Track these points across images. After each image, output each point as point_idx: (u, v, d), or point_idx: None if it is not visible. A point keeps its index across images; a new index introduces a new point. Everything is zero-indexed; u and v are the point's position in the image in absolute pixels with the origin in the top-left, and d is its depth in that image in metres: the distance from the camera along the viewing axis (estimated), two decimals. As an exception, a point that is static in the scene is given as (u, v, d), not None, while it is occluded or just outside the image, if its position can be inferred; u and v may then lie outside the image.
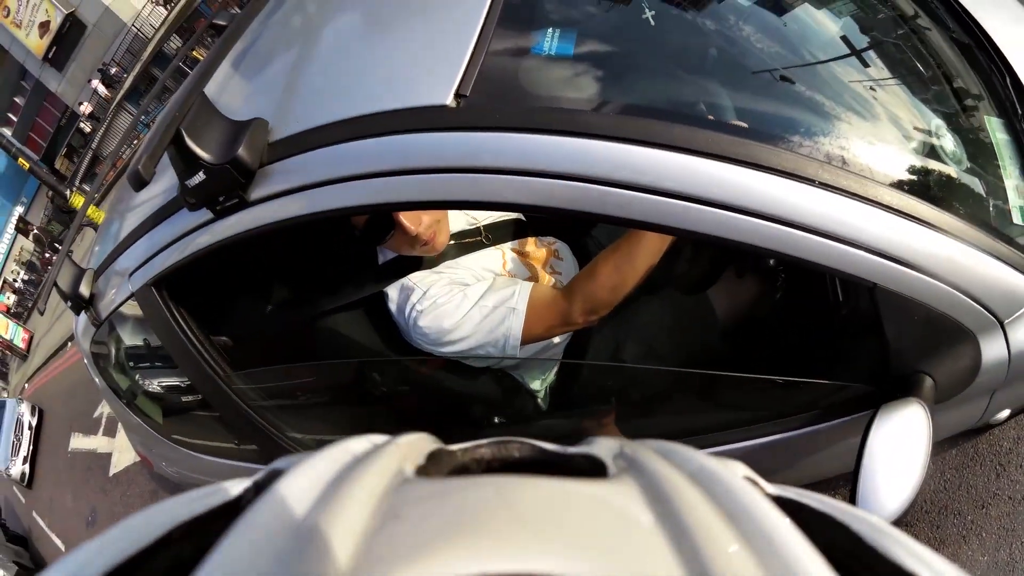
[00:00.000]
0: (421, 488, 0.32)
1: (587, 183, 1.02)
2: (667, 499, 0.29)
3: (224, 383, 1.54)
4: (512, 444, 0.41)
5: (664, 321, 1.63)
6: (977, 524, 2.01)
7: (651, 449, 0.38)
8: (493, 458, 0.40)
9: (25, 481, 12.18)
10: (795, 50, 1.32)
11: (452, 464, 0.39)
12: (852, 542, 0.30)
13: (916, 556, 0.28)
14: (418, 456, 0.38)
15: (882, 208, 1.03)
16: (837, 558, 0.27)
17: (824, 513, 0.33)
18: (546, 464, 0.40)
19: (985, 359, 1.17)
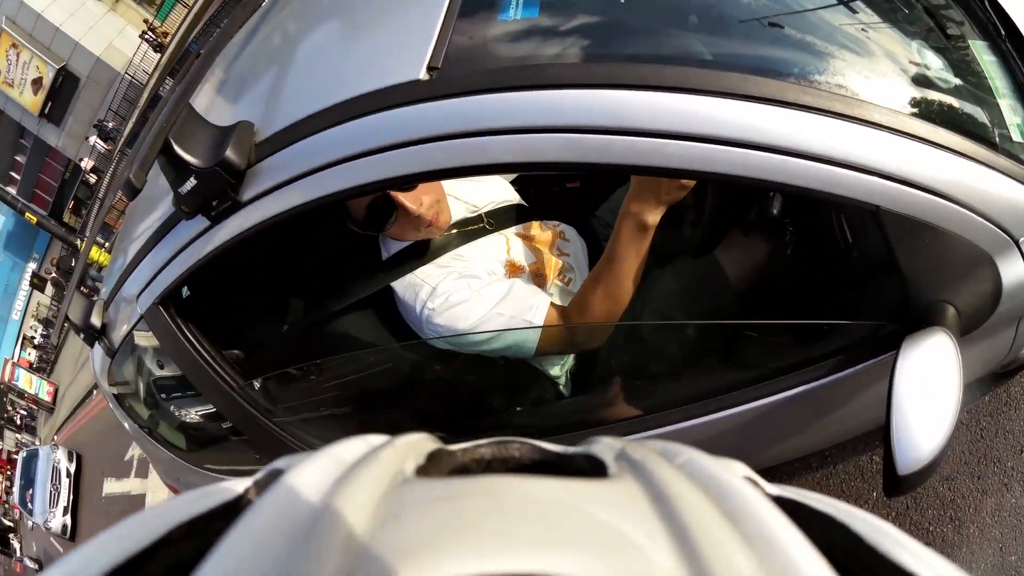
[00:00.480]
0: (421, 488, 0.32)
1: (567, 133, 1.02)
2: (667, 499, 0.29)
3: (240, 396, 1.55)
4: (512, 444, 0.41)
5: (676, 290, 1.60)
6: (1018, 470, 2.00)
7: (652, 449, 0.38)
8: (493, 458, 0.40)
9: (67, 533, 11.27)
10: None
11: (452, 464, 0.39)
12: (852, 542, 0.30)
13: (916, 556, 0.28)
14: (418, 456, 0.38)
15: (879, 128, 1.02)
16: (837, 558, 0.27)
17: (824, 513, 0.33)
18: (546, 464, 0.40)
19: (1005, 281, 1.14)
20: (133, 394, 2.01)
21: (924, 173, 1.02)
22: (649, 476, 0.32)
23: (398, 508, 0.28)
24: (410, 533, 0.26)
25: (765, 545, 0.25)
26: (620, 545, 0.26)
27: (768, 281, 1.56)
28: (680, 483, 0.31)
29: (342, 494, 0.29)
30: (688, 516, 0.27)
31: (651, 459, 0.35)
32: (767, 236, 1.54)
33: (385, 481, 0.32)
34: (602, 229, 1.92)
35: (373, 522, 0.27)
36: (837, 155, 1.00)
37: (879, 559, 0.29)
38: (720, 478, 0.32)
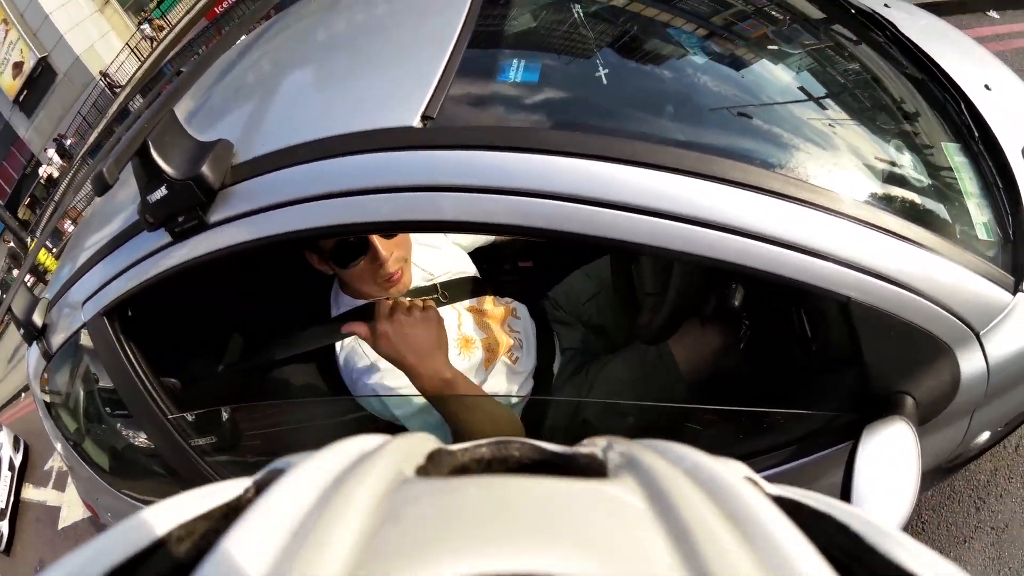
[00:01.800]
0: (421, 488, 0.32)
1: (553, 200, 1.01)
2: (667, 499, 0.29)
3: (172, 426, 1.48)
4: (512, 444, 0.41)
5: (624, 378, 1.60)
6: (961, 560, 2.02)
7: (651, 449, 0.38)
8: (493, 458, 0.40)
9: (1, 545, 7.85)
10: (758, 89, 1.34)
11: (452, 464, 0.39)
12: (852, 542, 0.30)
13: (916, 556, 0.28)
14: (418, 456, 0.38)
15: (854, 221, 1.04)
16: (837, 558, 0.27)
17: (824, 513, 0.33)
18: (546, 464, 0.40)
19: (964, 373, 1.16)
20: (64, 403, 1.92)
21: (895, 266, 1.05)
22: (649, 476, 0.32)
23: (398, 508, 0.28)
24: (410, 533, 0.26)
25: (765, 545, 0.25)
26: (620, 545, 0.25)
27: (721, 373, 1.56)
28: (680, 483, 0.30)
29: (342, 494, 0.29)
30: (688, 516, 0.27)
31: (651, 459, 0.34)
32: (722, 329, 1.54)
33: (385, 481, 0.31)
34: (552, 311, 1.92)
35: (373, 522, 0.27)
36: (814, 245, 1.01)
37: (879, 559, 0.28)
38: (720, 478, 0.31)
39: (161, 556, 0.29)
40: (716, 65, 1.37)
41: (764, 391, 1.44)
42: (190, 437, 1.51)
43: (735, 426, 1.45)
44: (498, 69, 1.21)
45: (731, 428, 1.47)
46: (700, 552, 0.24)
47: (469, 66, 1.18)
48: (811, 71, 1.46)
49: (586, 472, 0.38)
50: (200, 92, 1.57)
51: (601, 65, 1.26)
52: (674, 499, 0.28)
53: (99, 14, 20.19)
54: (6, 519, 7.90)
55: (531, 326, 1.77)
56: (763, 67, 1.40)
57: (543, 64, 1.23)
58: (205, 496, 0.35)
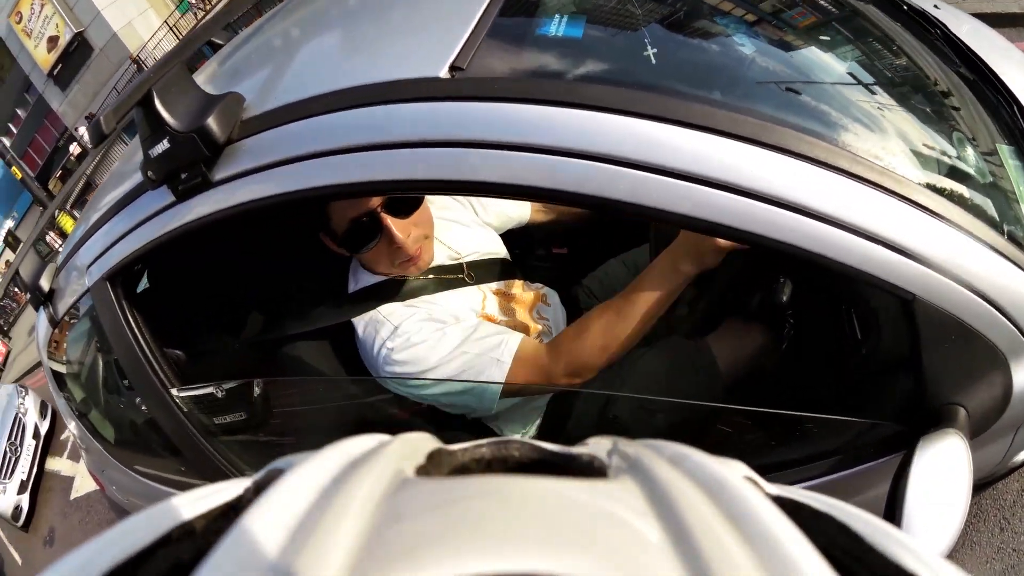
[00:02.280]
0: (421, 488, 0.31)
1: (594, 161, 0.91)
2: (667, 499, 0.28)
3: (172, 399, 1.43)
4: (512, 444, 0.40)
5: (660, 371, 1.51)
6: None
7: (652, 449, 0.37)
8: (493, 458, 0.40)
9: (20, 520, 7.41)
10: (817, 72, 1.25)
11: (452, 464, 0.39)
12: (852, 542, 0.30)
13: (916, 556, 0.28)
14: (418, 456, 0.38)
15: (925, 212, 0.95)
16: (837, 557, 0.28)
17: (824, 513, 0.33)
18: (546, 464, 0.40)
19: (1016, 387, 1.07)
20: (71, 372, 1.90)
21: (966, 266, 0.96)
22: (649, 476, 0.32)
23: (398, 508, 0.28)
24: (410, 533, 0.26)
25: (765, 545, 0.25)
26: (620, 545, 0.25)
27: (761, 373, 1.49)
28: (680, 483, 0.30)
29: (342, 494, 0.28)
30: (688, 516, 0.26)
31: (651, 459, 0.34)
32: (766, 327, 1.46)
33: (385, 481, 0.31)
34: (586, 299, 1.85)
35: (373, 522, 0.26)
36: (884, 234, 0.92)
37: (879, 559, 0.29)
38: (720, 478, 0.31)
39: (161, 556, 0.29)
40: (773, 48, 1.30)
41: (806, 395, 1.36)
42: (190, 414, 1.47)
43: (773, 431, 1.38)
44: (539, 23, 1.12)
45: (769, 432, 1.39)
46: (700, 552, 0.24)
47: (507, 19, 1.10)
48: (868, 63, 1.39)
49: (586, 472, 0.38)
50: (222, 54, 1.54)
51: (649, 35, 1.17)
52: (674, 499, 0.28)
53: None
54: (27, 492, 7.62)
55: (562, 314, 1.70)
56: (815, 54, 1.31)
57: (587, 21, 1.13)
58: (205, 496, 0.35)
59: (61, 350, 1.85)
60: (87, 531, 6.07)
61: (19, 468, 7.72)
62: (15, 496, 7.48)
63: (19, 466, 7.74)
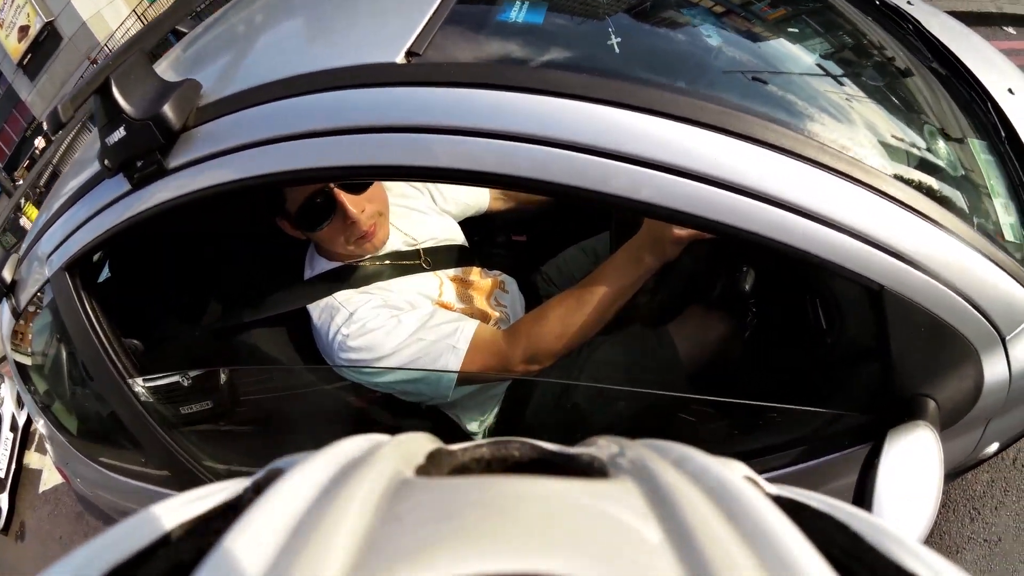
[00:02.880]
0: (421, 488, 0.31)
1: (551, 147, 0.90)
2: (667, 499, 0.28)
3: (130, 390, 1.41)
4: (512, 444, 0.41)
5: (619, 359, 1.52)
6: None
7: (651, 449, 0.38)
8: (493, 458, 0.40)
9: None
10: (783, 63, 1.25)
11: (452, 464, 0.39)
12: (852, 542, 0.30)
13: (916, 556, 0.28)
14: (418, 456, 0.38)
15: (892, 201, 0.94)
16: (837, 557, 0.28)
17: (824, 513, 0.33)
18: (546, 464, 0.40)
19: (987, 380, 1.08)
20: (34, 364, 1.87)
21: (934, 257, 0.96)
22: (649, 476, 0.32)
23: (398, 508, 0.28)
24: (410, 533, 0.25)
25: (765, 545, 0.25)
26: (620, 545, 0.25)
27: (723, 362, 1.49)
28: (680, 483, 0.30)
29: (342, 494, 0.28)
30: (688, 516, 0.27)
31: (651, 459, 0.34)
32: (728, 314, 1.46)
33: (385, 481, 0.31)
34: (544, 286, 1.84)
35: (373, 522, 0.26)
36: (852, 223, 0.92)
37: (879, 559, 0.29)
38: (720, 477, 0.31)
39: (161, 556, 0.29)
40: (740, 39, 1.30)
41: (771, 385, 1.35)
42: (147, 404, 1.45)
43: (736, 421, 1.39)
44: (499, 9, 1.12)
45: (732, 422, 1.40)
46: (700, 552, 0.24)
47: (467, 5, 1.10)
48: (838, 56, 1.39)
49: (586, 472, 0.37)
50: (185, 42, 1.53)
51: (612, 23, 1.16)
52: (674, 499, 0.28)
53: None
54: (6, 491, 6.47)
55: (520, 301, 1.69)
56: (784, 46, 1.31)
57: (549, 7, 1.13)
58: (205, 496, 0.35)
59: (25, 341, 1.82)
60: (57, 524, 5.92)
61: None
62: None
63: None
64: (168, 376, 1.48)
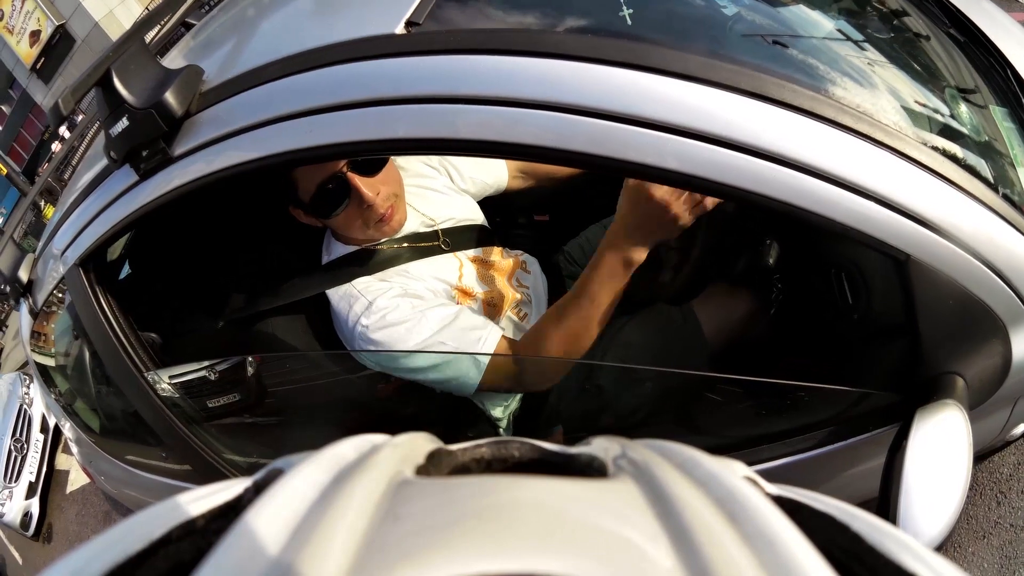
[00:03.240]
0: (421, 488, 0.32)
1: (557, 111, 0.88)
2: (667, 499, 0.29)
3: (148, 384, 1.42)
4: (512, 444, 0.41)
5: (644, 339, 1.48)
6: (979, 555, 1.97)
7: (651, 449, 0.38)
8: (493, 458, 0.40)
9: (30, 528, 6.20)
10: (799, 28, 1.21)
11: (452, 464, 0.39)
12: (852, 542, 0.30)
13: (916, 556, 0.28)
14: (418, 456, 0.38)
15: (925, 170, 0.90)
16: (837, 558, 0.28)
17: (824, 513, 0.33)
18: (546, 464, 0.40)
19: (1016, 357, 1.04)
20: (55, 363, 1.90)
21: (963, 227, 0.92)
22: (649, 476, 0.32)
23: (398, 508, 0.28)
24: (410, 533, 0.26)
25: (765, 545, 0.25)
26: (620, 545, 0.25)
27: (748, 340, 1.46)
28: (680, 483, 0.31)
29: (342, 494, 0.29)
30: (688, 516, 0.27)
31: (651, 459, 0.35)
32: (751, 291, 1.43)
33: (385, 481, 0.31)
34: (567, 266, 1.84)
35: (373, 522, 0.27)
36: (877, 189, 0.88)
37: (879, 559, 0.29)
38: (720, 478, 0.32)
39: (162, 556, 0.29)
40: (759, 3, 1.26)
41: (798, 363, 1.36)
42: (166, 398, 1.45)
43: (763, 401, 1.36)
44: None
45: (759, 403, 1.37)
46: (700, 552, 0.24)
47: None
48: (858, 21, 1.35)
49: (586, 472, 0.38)
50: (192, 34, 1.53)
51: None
52: (674, 499, 0.28)
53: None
54: (36, 495, 6.28)
55: (542, 281, 1.68)
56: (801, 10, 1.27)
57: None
58: (205, 496, 0.35)
59: (47, 342, 1.84)
60: (85, 524, 5.96)
61: (26, 468, 6.42)
62: (23, 502, 6.19)
63: (26, 466, 6.44)
64: (195, 371, 1.49)
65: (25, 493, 6.23)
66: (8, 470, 6.25)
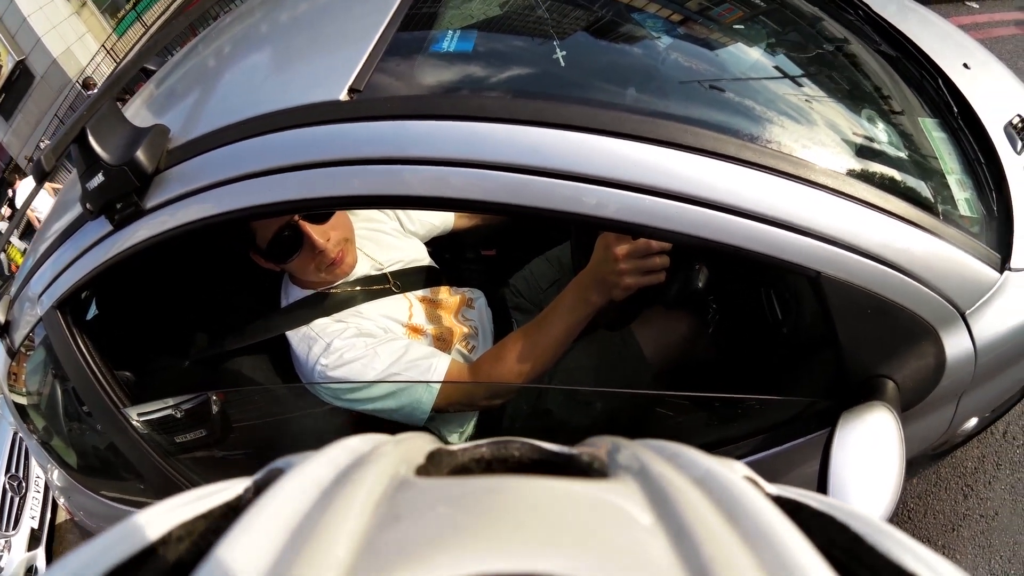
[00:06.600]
0: (421, 488, 0.32)
1: (482, 169, 0.98)
2: (667, 499, 0.29)
3: (126, 420, 1.47)
4: (512, 444, 0.41)
5: (587, 365, 1.56)
6: (950, 548, 2.00)
7: (651, 449, 0.38)
8: (493, 458, 0.40)
9: None
10: (728, 64, 1.29)
11: (452, 464, 0.39)
12: (852, 542, 0.30)
13: (916, 556, 0.28)
14: (417, 456, 0.39)
15: (825, 190, 0.99)
16: (837, 557, 0.28)
17: (824, 513, 0.33)
18: (546, 464, 0.40)
19: (950, 356, 1.11)
20: (33, 402, 1.92)
21: (870, 239, 1.00)
22: (649, 476, 0.32)
23: (398, 508, 0.28)
24: (410, 533, 0.26)
25: (765, 544, 0.25)
26: (619, 545, 0.25)
27: (689, 360, 1.53)
28: (680, 482, 0.31)
29: (342, 494, 0.29)
30: (688, 515, 0.27)
31: (651, 459, 0.35)
32: (689, 313, 1.50)
33: (385, 481, 0.32)
34: (512, 297, 1.89)
35: (373, 522, 0.27)
36: (780, 215, 0.97)
37: (879, 559, 0.28)
38: (720, 477, 0.32)
39: (161, 556, 0.29)
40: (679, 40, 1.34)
41: (736, 377, 1.41)
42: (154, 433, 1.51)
43: (706, 413, 1.43)
44: (431, 40, 1.20)
45: (702, 415, 1.44)
46: (700, 552, 0.24)
47: (401, 42, 1.17)
48: (782, 47, 1.43)
49: (586, 472, 0.38)
50: (152, 82, 1.59)
51: (547, 37, 1.23)
52: (675, 499, 0.28)
53: (76, 16, 19.89)
54: (42, 545, 4.91)
55: (487, 315, 1.75)
56: (733, 42, 1.36)
57: (479, 34, 1.21)
58: (205, 496, 0.35)
59: (20, 382, 1.86)
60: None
61: (27, 512, 4.99)
62: (24, 554, 4.81)
63: (27, 509, 5.02)
64: (161, 409, 1.52)
65: (27, 543, 4.82)
66: (4, 516, 4.83)
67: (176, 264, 1.62)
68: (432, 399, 1.38)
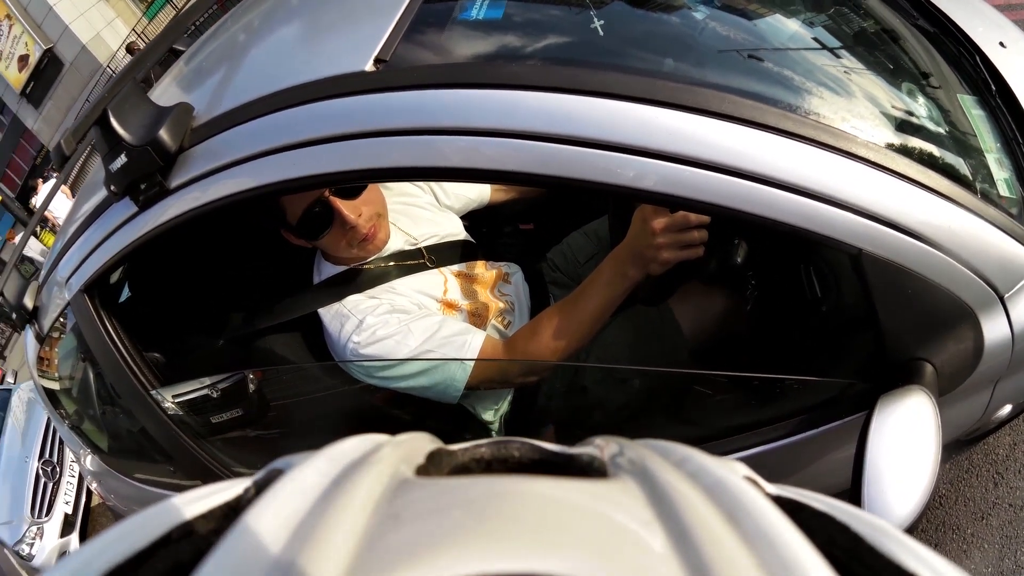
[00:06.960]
0: (421, 488, 0.32)
1: (516, 139, 0.95)
2: (667, 499, 0.29)
3: (155, 402, 1.47)
4: (512, 444, 0.41)
5: (625, 340, 1.54)
6: (978, 536, 1.97)
7: (651, 449, 0.38)
8: (493, 458, 0.40)
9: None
10: (768, 35, 1.25)
11: (452, 464, 0.39)
12: (852, 542, 0.30)
13: (917, 556, 0.28)
14: (418, 456, 0.38)
15: (868, 164, 0.95)
16: (837, 558, 0.28)
17: (824, 513, 0.33)
18: (546, 464, 0.40)
19: (988, 340, 1.07)
20: (62, 386, 1.94)
21: (913, 217, 0.96)
22: (649, 476, 0.32)
23: (398, 508, 0.28)
24: (410, 533, 0.26)
25: (765, 544, 0.25)
26: (620, 545, 0.25)
27: (727, 337, 1.50)
28: (680, 483, 0.31)
29: (342, 494, 0.29)
30: (688, 516, 0.27)
31: (650, 459, 0.35)
32: (727, 288, 1.48)
33: (384, 481, 0.31)
34: (550, 272, 1.87)
35: (373, 522, 0.27)
36: (822, 189, 0.93)
37: (879, 559, 0.28)
38: (720, 477, 0.31)
39: (161, 556, 0.29)
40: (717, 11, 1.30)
41: (773, 356, 1.39)
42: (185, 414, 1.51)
43: (742, 393, 1.41)
44: (462, 7, 1.17)
45: (737, 395, 1.42)
46: (700, 552, 0.24)
47: (429, 11, 1.15)
48: (820, 18, 1.38)
49: (586, 472, 0.38)
50: (180, 63, 1.59)
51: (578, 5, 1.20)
52: (675, 499, 0.28)
53: (104, 2, 20.08)
54: (76, 530, 4.99)
55: (524, 289, 1.72)
56: (771, 13, 1.31)
57: (508, 1, 1.17)
58: (205, 496, 0.35)
59: (52, 366, 1.88)
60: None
61: (60, 498, 5.10)
62: (57, 540, 4.84)
63: (60, 495, 5.12)
64: (197, 389, 1.53)
65: (60, 530, 4.93)
66: (37, 502, 4.97)
67: (206, 243, 1.62)
68: (466, 376, 1.36)
